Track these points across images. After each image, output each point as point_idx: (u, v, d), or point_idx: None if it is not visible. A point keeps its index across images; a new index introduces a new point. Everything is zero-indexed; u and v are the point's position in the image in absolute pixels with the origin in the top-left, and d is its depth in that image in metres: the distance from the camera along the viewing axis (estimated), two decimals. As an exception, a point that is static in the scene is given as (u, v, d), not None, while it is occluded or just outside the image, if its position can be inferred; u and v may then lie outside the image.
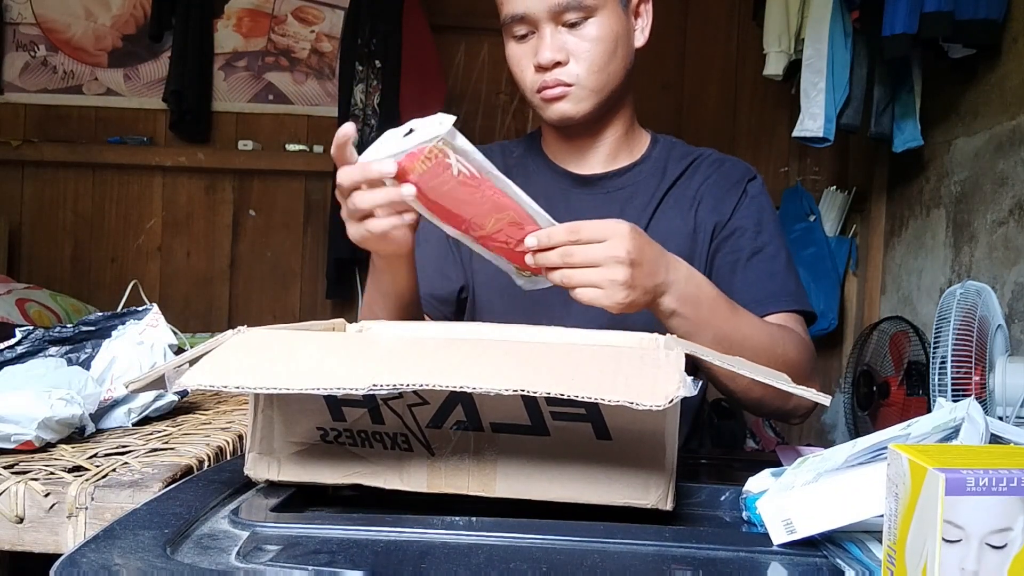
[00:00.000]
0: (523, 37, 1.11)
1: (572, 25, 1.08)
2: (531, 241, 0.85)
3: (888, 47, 2.29)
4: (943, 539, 0.40)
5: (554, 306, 1.15)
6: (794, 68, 2.72)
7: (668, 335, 0.83)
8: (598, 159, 1.21)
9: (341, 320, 0.91)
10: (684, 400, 0.58)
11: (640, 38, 1.16)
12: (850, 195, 3.13)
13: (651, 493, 0.65)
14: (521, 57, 1.13)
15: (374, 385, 0.57)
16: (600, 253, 0.85)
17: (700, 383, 0.61)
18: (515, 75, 1.15)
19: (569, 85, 1.10)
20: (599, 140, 1.20)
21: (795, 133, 2.59)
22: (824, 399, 0.66)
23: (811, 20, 2.60)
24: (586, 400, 0.56)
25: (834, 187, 3.15)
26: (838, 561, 0.55)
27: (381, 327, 0.92)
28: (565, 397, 0.56)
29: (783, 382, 0.66)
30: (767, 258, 1.16)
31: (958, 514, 0.40)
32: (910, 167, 2.83)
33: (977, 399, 1.77)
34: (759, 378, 0.67)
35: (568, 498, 0.66)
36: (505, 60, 1.18)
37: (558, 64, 1.09)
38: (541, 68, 1.09)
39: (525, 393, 0.56)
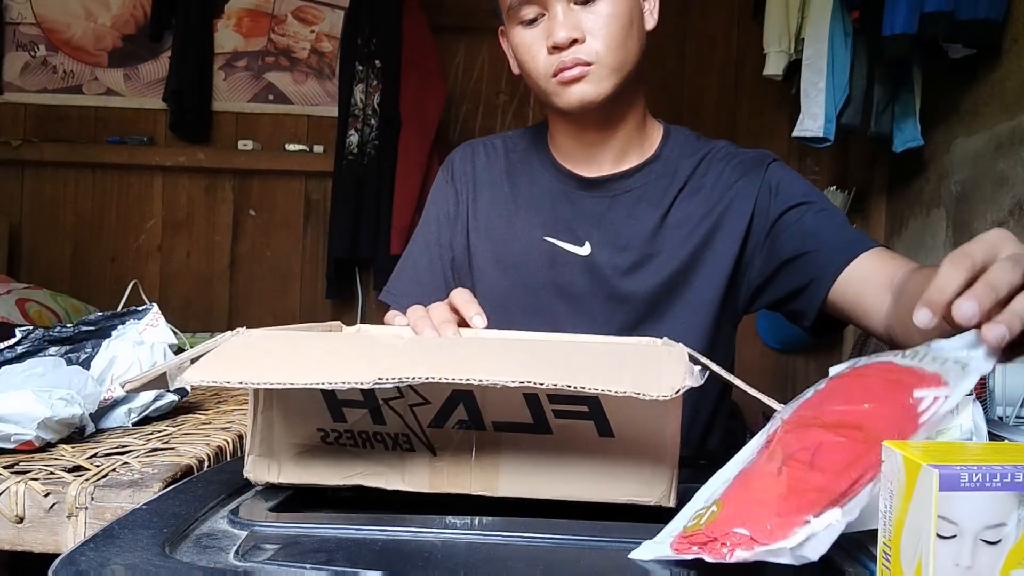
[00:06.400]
0: (532, 21, 1.06)
1: (584, 3, 1.04)
2: (924, 317, 0.57)
3: (888, 47, 2.29)
4: (937, 535, 0.40)
5: (559, 318, 1.14)
6: (794, 68, 2.72)
7: (664, 338, 0.82)
8: (607, 158, 1.15)
9: (338, 323, 0.91)
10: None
11: (650, 20, 1.12)
12: (850, 195, 3.13)
13: (654, 490, 0.65)
14: (532, 42, 1.06)
15: (379, 379, 0.57)
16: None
17: (707, 373, 0.61)
18: (524, 64, 1.09)
19: (588, 64, 1.04)
20: (610, 137, 1.14)
21: (795, 133, 2.59)
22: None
23: (811, 20, 2.60)
24: (592, 392, 0.56)
25: (834, 187, 3.15)
26: (836, 559, 0.55)
27: (379, 329, 0.92)
28: (571, 389, 0.56)
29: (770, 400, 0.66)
30: (830, 215, 1.09)
31: (952, 510, 0.40)
32: (910, 167, 2.83)
33: (977, 399, 1.77)
34: (762, 398, 0.66)
35: (571, 496, 0.66)
36: (505, 59, 1.16)
37: (575, 43, 1.03)
38: (556, 48, 1.04)
39: (531, 385, 0.56)
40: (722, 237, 1.12)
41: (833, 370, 0.62)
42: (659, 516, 0.65)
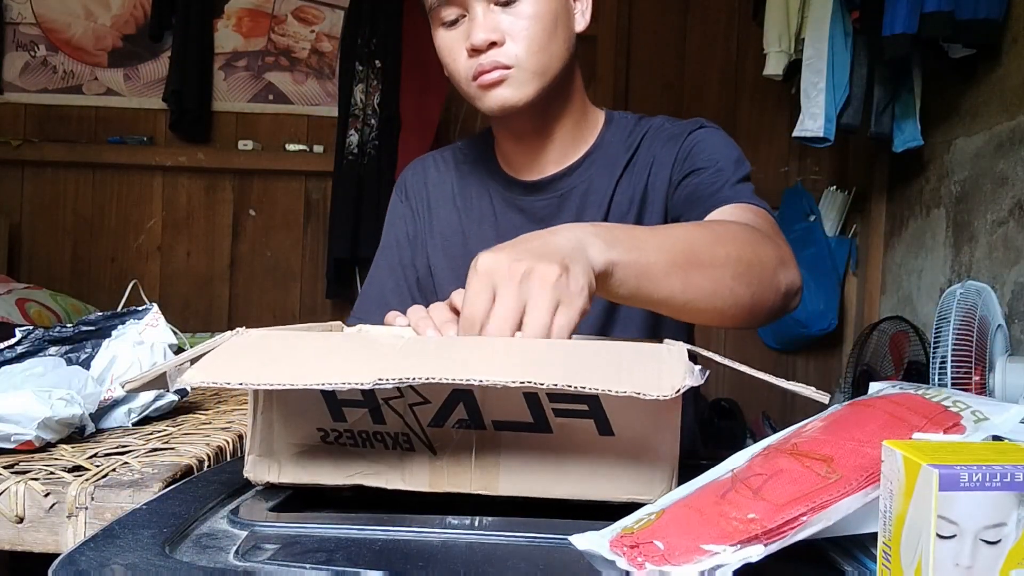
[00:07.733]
0: (453, 23, 1.03)
1: (506, 4, 1.00)
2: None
3: (888, 47, 2.29)
4: (937, 535, 0.40)
5: None
6: (794, 68, 2.72)
7: (666, 341, 0.82)
8: (550, 158, 1.13)
9: (338, 323, 0.91)
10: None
11: (581, 21, 1.08)
12: (850, 195, 3.13)
13: (655, 488, 0.65)
14: (452, 44, 1.03)
15: (380, 379, 0.57)
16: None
17: (707, 372, 0.60)
18: (446, 67, 1.06)
19: (508, 68, 1.01)
20: (548, 138, 1.11)
21: (795, 133, 2.59)
22: (822, 397, 0.65)
23: (811, 20, 2.61)
24: (593, 392, 0.56)
25: (834, 187, 3.16)
26: (837, 559, 0.55)
27: (379, 329, 0.92)
28: (572, 389, 0.56)
29: (780, 380, 0.66)
30: (723, 175, 1.03)
31: (952, 510, 0.40)
32: (910, 167, 2.83)
33: (977, 398, 1.77)
34: (763, 378, 0.66)
35: (571, 495, 0.66)
36: None
37: (493, 45, 1.00)
38: (475, 51, 1.00)
39: (532, 385, 0.56)
40: (649, 217, 1.10)
41: (874, 387, 0.61)
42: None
